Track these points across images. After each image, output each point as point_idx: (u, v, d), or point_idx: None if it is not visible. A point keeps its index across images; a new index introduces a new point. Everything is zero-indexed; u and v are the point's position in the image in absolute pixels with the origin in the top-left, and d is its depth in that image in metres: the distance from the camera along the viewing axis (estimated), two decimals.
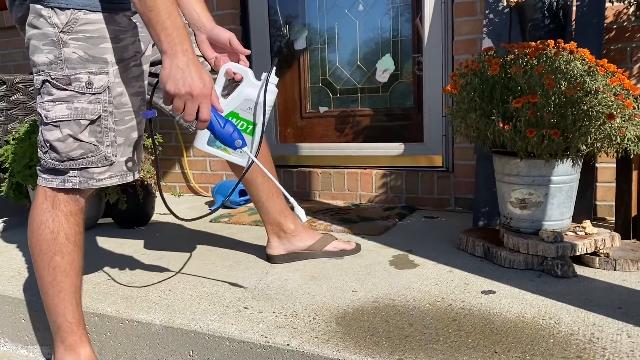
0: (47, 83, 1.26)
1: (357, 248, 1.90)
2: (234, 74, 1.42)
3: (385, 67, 2.77)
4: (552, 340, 1.19)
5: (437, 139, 2.60)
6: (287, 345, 1.24)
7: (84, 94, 1.27)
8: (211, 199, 2.97)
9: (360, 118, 2.88)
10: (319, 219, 2.37)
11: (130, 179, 1.39)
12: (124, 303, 1.52)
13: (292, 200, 1.39)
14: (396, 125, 2.78)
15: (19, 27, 1.34)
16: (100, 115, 1.29)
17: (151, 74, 1.56)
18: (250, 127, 1.47)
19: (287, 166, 2.92)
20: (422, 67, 2.63)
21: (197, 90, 1.21)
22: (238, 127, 1.45)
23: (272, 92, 1.50)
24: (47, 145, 1.29)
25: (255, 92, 1.48)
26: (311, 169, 2.84)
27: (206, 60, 1.53)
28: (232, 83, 1.44)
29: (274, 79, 1.48)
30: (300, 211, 1.36)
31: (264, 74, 1.49)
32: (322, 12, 2.89)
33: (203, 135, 1.50)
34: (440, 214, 2.44)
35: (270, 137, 3.02)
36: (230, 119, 1.43)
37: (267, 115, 1.46)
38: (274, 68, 1.45)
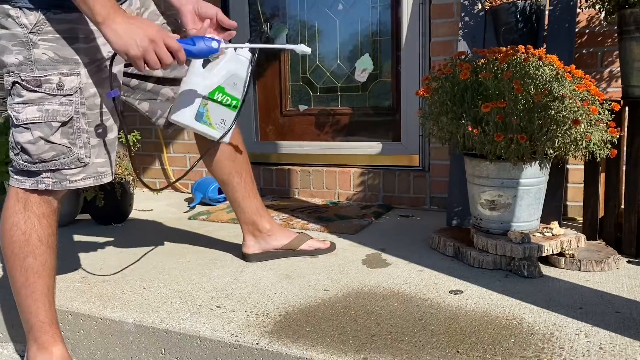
0: (17, 84, 1.25)
1: (332, 247, 1.93)
2: None
3: (364, 67, 2.80)
4: (512, 340, 1.23)
5: (414, 138, 2.63)
6: (257, 344, 1.27)
7: (55, 95, 1.26)
8: (190, 195, 2.98)
9: (340, 117, 2.90)
10: (297, 217, 2.40)
11: (105, 180, 1.39)
12: (97, 301, 1.54)
13: None
14: (375, 124, 2.81)
15: None
16: (72, 117, 1.28)
17: (127, 74, 1.56)
18: (235, 102, 1.47)
19: (267, 164, 2.94)
20: (400, 68, 2.66)
21: (154, 33, 1.20)
22: (223, 102, 1.45)
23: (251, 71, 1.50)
24: (19, 147, 1.28)
25: (240, 68, 1.47)
26: (291, 167, 2.86)
27: (187, 32, 1.48)
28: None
29: (248, 54, 1.48)
30: None
31: (247, 52, 1.48)
32: (303, 10, 2.91)
33: (189, 109, 1.45)
34: (415, 213, 2.48)
35: (250, 134, 3.04)
36: (216, 93, 1.43)
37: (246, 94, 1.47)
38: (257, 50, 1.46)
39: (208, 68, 1.47)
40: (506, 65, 1.63)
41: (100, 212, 2.39)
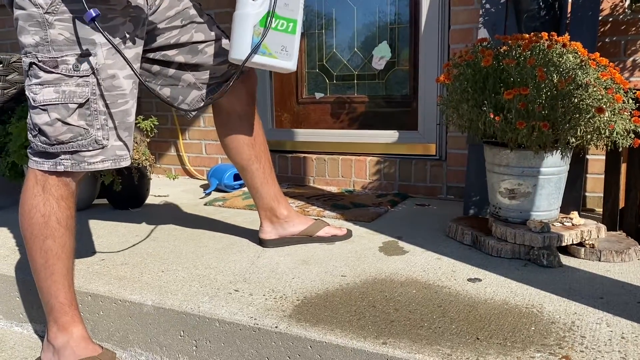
0: (34, 65, 1.25)
1: (349, 234, 1.92)
2: None
3: (381, 55, 2.78)
4: (533, 328, 1.22)
5: (432, 127, 2.61)
6: (276, 327, 1.27)
7: (72, 76, 1.25)
8: (206, 181, 2.99)
9: (356, 105, 2.89)
10: (312, 204, 2.40)
11: (124, 164, 1.38)
12: (117, 283, 1.55)
13: None
14: (391, 113, 2.80)
15: (11, 11, 1.33)
16: (88, 99, 1.27)
17: (148, 60, 1.55)
18: (292, 25, 1.40)
19: (283, 151, 2.94)
20: (418, 56, 2.64)
21: None
22: (278, 27, 1.38)
23: None
24: (36, 129, 1.27)
25: None
26: (306, 155, 2.86)
27: None
28: None
29: None
30: None
31: None
32: None
33: (243, 44, 1.37)
34: (432, 202, 2.46)
35: (266, 121, 3.03)
36: (268, 19, 1.36)
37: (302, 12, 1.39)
38: None
39: None
40: (529, 52, 1.61)
41: (118, 197, 2.40)
